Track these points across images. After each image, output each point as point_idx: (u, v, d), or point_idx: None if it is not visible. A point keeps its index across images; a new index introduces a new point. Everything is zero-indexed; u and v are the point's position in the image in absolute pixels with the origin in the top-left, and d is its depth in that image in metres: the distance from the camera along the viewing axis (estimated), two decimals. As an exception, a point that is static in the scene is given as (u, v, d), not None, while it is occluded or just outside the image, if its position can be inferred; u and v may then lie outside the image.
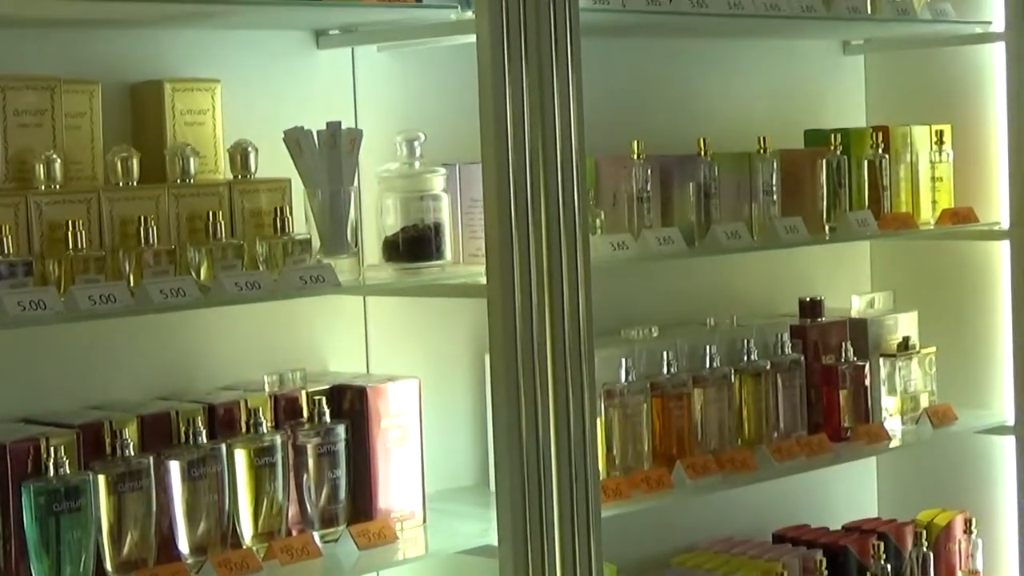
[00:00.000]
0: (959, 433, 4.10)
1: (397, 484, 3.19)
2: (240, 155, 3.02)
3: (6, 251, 2.68)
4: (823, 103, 4.23)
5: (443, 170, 3.25)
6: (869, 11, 3.88)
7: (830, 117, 4.18)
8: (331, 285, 2.96)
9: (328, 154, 3.08)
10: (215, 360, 3.21)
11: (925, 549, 3.98)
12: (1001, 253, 4.10)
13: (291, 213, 3.03)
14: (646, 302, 3.83)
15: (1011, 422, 4.08)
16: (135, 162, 2.89)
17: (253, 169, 3.03)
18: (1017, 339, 4.01)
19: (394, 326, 3.43)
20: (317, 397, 3.11)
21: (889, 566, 3.91)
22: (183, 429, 2.91)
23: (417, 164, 3.23)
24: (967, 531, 4.09)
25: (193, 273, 2.87)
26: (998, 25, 4.03)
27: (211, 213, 2.90)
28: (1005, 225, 4.05)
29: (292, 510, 3.05)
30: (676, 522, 3.91)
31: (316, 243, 3.07)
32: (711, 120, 3.94)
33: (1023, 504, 4.09)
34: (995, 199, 4.11)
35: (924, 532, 4.01)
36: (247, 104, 3.17)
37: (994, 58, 4.09)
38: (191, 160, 2.95)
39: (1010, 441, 4.11)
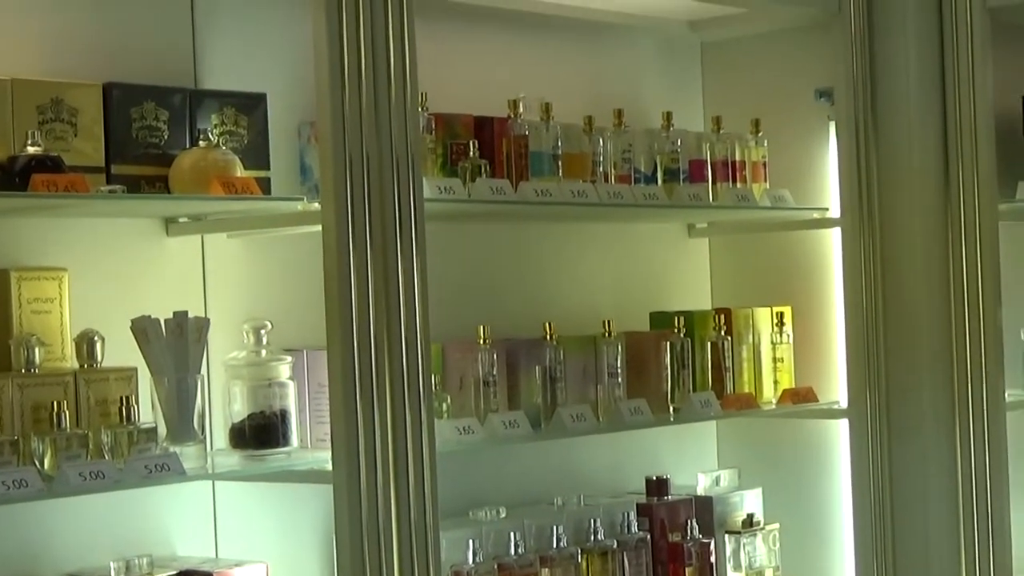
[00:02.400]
0: (803, 608, 4.18)
1: (243, 670, 3.19)
2: (86, 344, 3.05)
3: None
4: (669, 285, 4.33)
5: (289, 358, 3.30)
6: (711, 198, 4.02)
7: (676, 298, 4.28)
8: (176, 474, 2.97)
9: (175, 343, 3.11)
10: (61, 545, 3.19)
11: None
12: (840, 431, 4.20)
13: (137, 401, 3.05)
14: (494, 483, 3.87)
15: (853, 597, 4.17)
16: (-21, 353, 2.91)
17: (99, 358, 3.06)
18: (857, 514, 4.10)
19: (242, 511, 3.44)
20: (164, 583, 3.12)
21: None
22: (26, 618, 2.91)
23: (264, 352, 3.28)
24: None
25: (37, 463, 2.87)
26: (834, 211, 4.18)
27: (55, 403, 2.91)
28: (844, 404, 4.16)
29: None
30: None
31: (163, 431, 3.09)
32: (558, 303, 4.02)
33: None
34: (834, 378, 4.23)
35: None
36: (95, 292, 3.20)
37: (831, 242, 4.23)
38: (36, 350, 2.97)
39: (852, 615, 4.19)
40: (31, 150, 2.90)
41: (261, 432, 3.24)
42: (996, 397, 4.07)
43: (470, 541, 3.54)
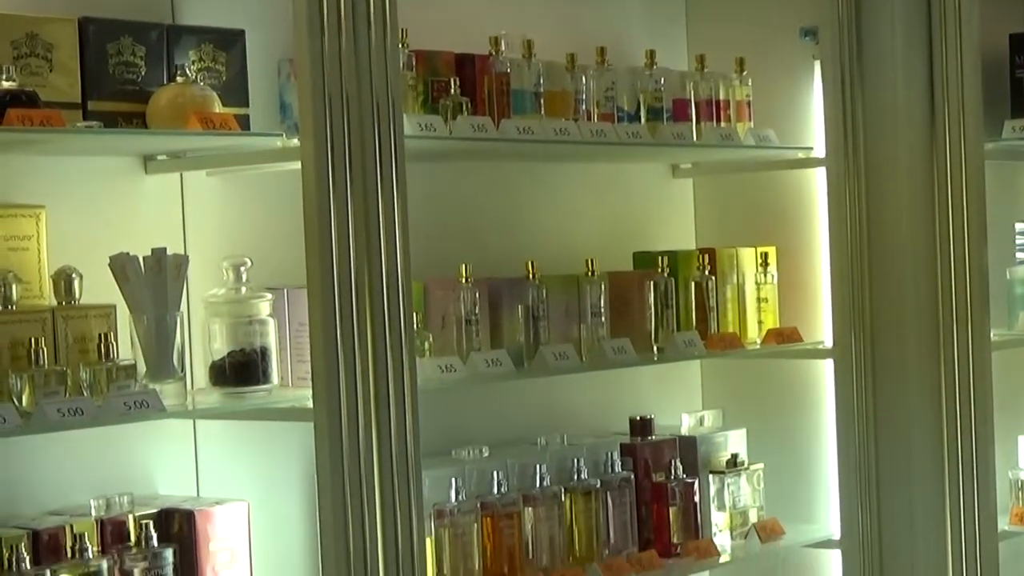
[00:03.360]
0: (787, 547, 4.17)
1: (225, 608, 3.19)
2: (64, 281, 3.03)
3: None
4: (652, 225, 4.32)
5: (269, 295, 3.29)
6: (694, 138, 4.00)
7: (660, 239, 4.27)
8: (155, 410, 2.96)
9: (154, 280, 3.10)
10: (41, 484, 3.19)
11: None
12: (825, 371, 4.19)
13: (116, 339, 3.03)
14: (477, 422, 3.87)
15: (837, 536, 4.17)
16: (-44, 289, 2.90)
17: (77, 295, 3.04)
18: (841, 455, 4.10)
19: (224, 449, 3.44)
20: (144, 521, 3.11)
21: None
22: (6, 555, 2.90)
23: (243, 289, 3.26)
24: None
25: (15, 400, 2.86)
26: (819, 151, 4.16)
27: (33, 339, 2.90)
28: (828, 344, 4.16)
29: (117, 636, 3.04)
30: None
31: (142, 368, 3.08)
32: (541, 243, 4.01)
33: (851, 617, 4.17)
34: (819, 319, 4.22)
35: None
36: (73, 229, 3.19)
37: (816, 182, 4.21)
38: (13, 287, 2.96)
39: (836, 555, 4.18)
40: (6, 85, 2.88)
41: (241, 369, 3.23)
42: (981, 336, 4.07)
43: (453, 480, 3.53)
